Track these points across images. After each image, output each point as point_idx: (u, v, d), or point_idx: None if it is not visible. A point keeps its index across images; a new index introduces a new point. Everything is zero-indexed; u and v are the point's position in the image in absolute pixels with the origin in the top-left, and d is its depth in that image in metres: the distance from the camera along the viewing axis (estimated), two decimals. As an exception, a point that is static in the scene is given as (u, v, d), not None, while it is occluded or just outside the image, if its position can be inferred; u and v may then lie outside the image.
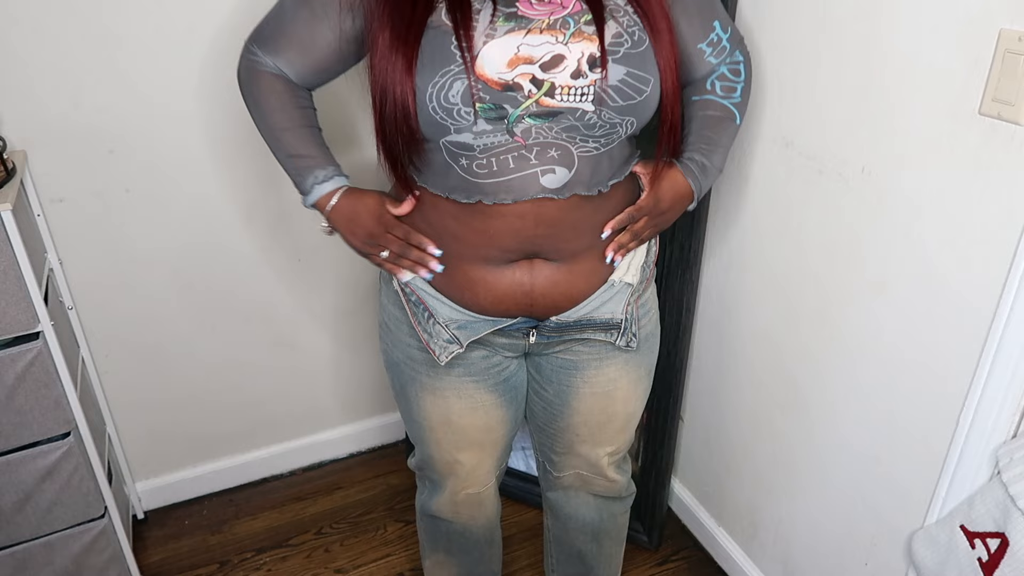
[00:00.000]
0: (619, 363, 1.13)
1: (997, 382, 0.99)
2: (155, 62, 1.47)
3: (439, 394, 1.12)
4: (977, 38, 0.93)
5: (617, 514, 1.36)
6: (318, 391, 1.96)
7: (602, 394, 1.15)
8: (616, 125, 0.91)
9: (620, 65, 0.88)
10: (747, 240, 1.41)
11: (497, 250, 0.98)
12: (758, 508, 1.55)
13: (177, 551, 1.78)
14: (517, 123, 0.88)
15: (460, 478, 1.22)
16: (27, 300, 1.27)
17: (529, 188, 0.92)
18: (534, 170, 0.91)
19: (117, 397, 1.73)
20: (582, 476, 1.28)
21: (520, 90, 0.86)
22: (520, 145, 0.90)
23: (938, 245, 1.04)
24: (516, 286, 1.01)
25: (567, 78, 0.87)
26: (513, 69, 0.86)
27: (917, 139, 1.04)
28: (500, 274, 1.00)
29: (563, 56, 0.86)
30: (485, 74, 0.86)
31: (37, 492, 1.39)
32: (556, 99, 0.87)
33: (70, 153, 1.48)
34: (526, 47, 0.86)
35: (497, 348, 1.10)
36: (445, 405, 1.13)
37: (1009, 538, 0.98)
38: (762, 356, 1.44)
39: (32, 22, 1.36)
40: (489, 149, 0.90)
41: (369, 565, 1.74)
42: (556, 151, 0.91)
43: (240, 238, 1.69)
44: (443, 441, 1.17)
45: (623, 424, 1.21)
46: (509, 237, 0.96)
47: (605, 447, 1.22)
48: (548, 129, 0.89)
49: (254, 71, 1.00)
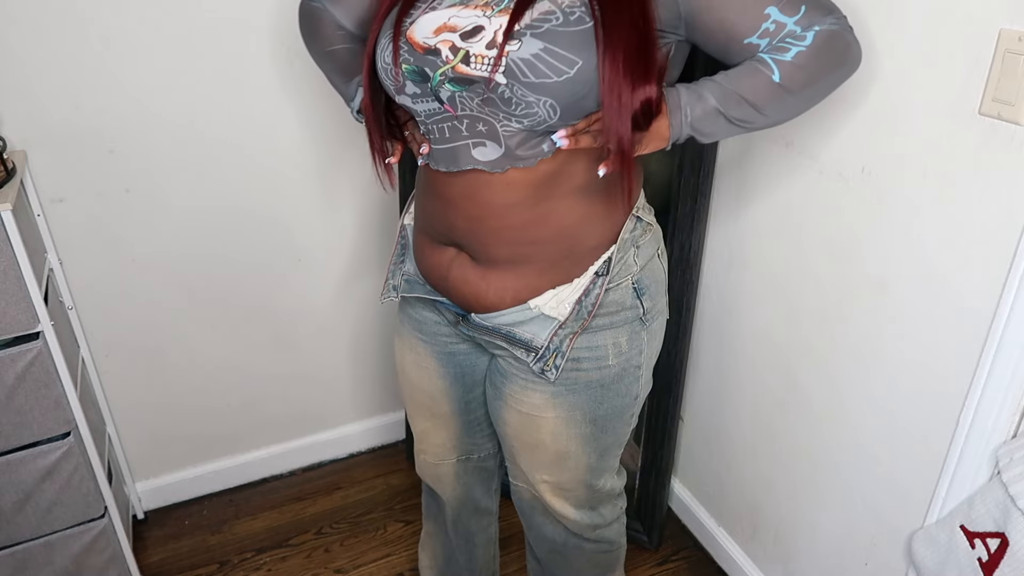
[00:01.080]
0: (545, 395, 1.07)
1: (997, 382, 0.99)
2: (155, 62, 1.47)
3: (401, 340, 1.22)
4: (977, 38, 0.93)
5: (585, 547, 1.26)
6: (318, 391, 1.96)
7: (527, 415, 1.10)
8: (533, 104, 0.86)
9: (537, 40, 0.84)
10: (747, 240, 1.41)
11: (430, 228, 1.06)
12: (758, 508, 1.55)
13: (177, 551, 1.78)
14: (440, 88, 0.91)
15: (418, 437, 1.30)
16: (27, 300, 1.27)
17: (461, 158, 0.95)
18: (466, 141, 0.94)
19: (117, 397, 1.73)
20: (532, 494, 1.22)
21: (439, 55, 0.90)
22: (452, 115, 0.93)
23: (938, 245, 1.04)
24: (436, 267, 1.07)
25: (482, 48, 0.87)
26: (437, 36, 0.91)
27: (917, 139, 1.04)
28: (431, 251, 1.07)
29: (482, 27, 0.88)
30: (414, 37, 0.92)
31: (37, 492, 1.39)
32: (471, 67, 0.88)
33: (70, 153, 1.48)
34: (456, 18, 0.91)
35: (445, 320, 1.15)
36: (401, 353, 1.23)
37: (1009, 538, 0.98)
38: (762, 356, 1.44)
39: (32, 22, 1.36)
40: (430, 116, 0.95)
41: (369, 565, 1.74)
42: (483, 126, 0.92)
43: (240, 238, 1.69)
44: (404, 387, 1.27)
45: (554, 459, 1.13)
46: (437, 219, 1.03)
47: (540, 473, 1.16)
48: (469, 99, 0.90)
49: (312, 8, 1.15)
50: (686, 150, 1.40)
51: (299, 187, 1.69)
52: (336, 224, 1.77)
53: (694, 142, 0.95)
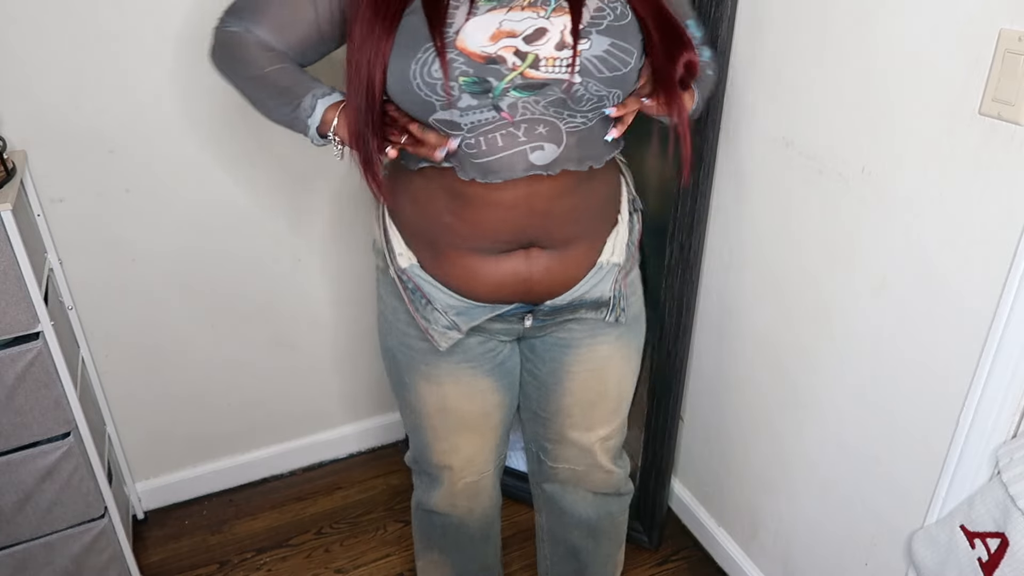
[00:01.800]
0: (611, 340, 1.15)
1: (997, 382, 0.99)
2: (155, 62, 1.47)
3: (435, 381, 1.13)
4: (977, 38, 0.93)
5: (615, 513, 1.36)
6: (318, 391, 1.96)
7: (595, 371, 1.17)
8: (603, 98, 0.91)
9: (604, 36, 0.89)
10: (747, 240, 1.41)
11: (491, 241, 0.99)
12: (758, 508, 1.55)
13: (177, 551, 1.78)
14: (503, 97, 0.88)
15: (456, 469, 1.23)
16: (27, 300, 1.27)
17: (517, 165, 0.93)
18: (523, 147, 0.92)
19: (117, 397, 1.73)
20: (576, 472, 1.28)
21: (503, 63, 0.87)
22: (508, 122, 0.90)
23: (938, 245, 1.04)
24: (513, 275, 1.03)
25: (551, 49, 0.88)
26: (496, 42, 0.87)
27: (917, 139, 1.04)
28: (496, 264, 1.02)
29: (545, 29, 0.88)
30: (467, 48, 0.87)
31: (37, 492, 1.39)
32: (541, 71, 0.88)
33: (70, 153, 1.48)
34: (508, 22, 0.88)
35: (493, 333, 1.11)
36: (441, 392, 1.14)
37: (1009, 538, 0.98)
38: (762, 356, 1.44)
39: (32, 22, 1.36)
40: (477, 128, 0.90)
41: (369, 565, 1.74)
42: (544, 127, 0.91)
43: (240, 238, 1.69)
44: (439, 428, 1.18)
45: (615, 404, 1.22)
46: (504, 228, 0.98)
47: (597, 431, 1.22)
48: (535, 103, 0.90)
49: (232, 36, 0.99)
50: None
51: (299, 187, 1.69)
52: (336, 224, 1.77)
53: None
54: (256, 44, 0.98)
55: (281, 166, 1.65)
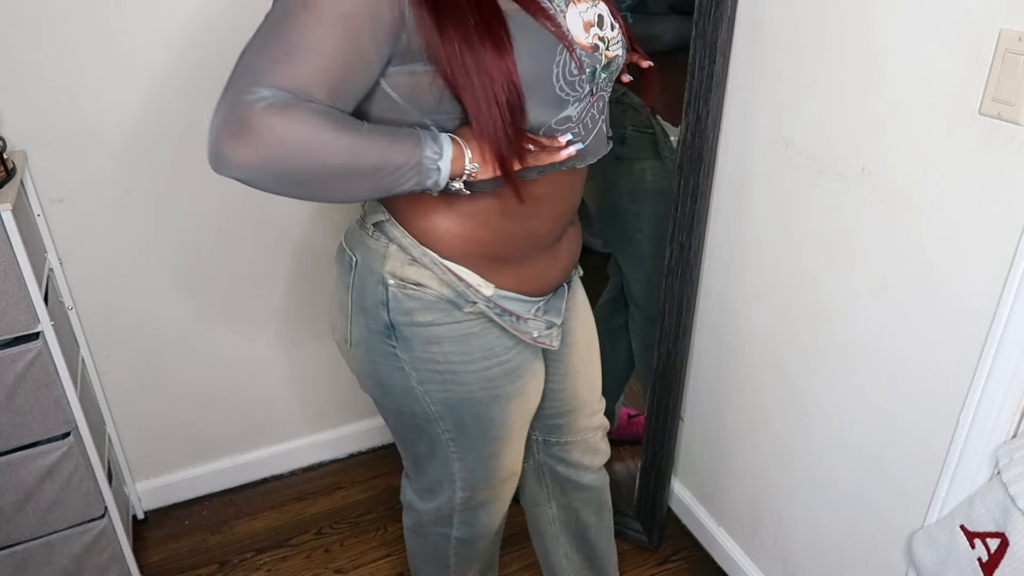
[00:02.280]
0: (579, 288, 1.24)
1: (997, 382, 0.99)
2: (156, 62, 1.47)
3: (523, 391, 1.10)
4: (977, 38, 0.93)
5: (607, 482, 1.42)
6: (318, 391, 1.96)
7: (583, 319, 1.24)
8: (623, 68, 1.02)
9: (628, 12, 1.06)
10: (747, 240, 1.41)
11: (559, 227, 1.05)
12: (758, 508, 1.55)
13: (177, 551, 1.78)
14: (598, 80, 0.95)
15: (519, 471, 1.23)
16: (27, 300, 1.27)
17: (601, 144, 1.01)
18: (600, 125, 0.99)
19: (117, 397, 1.73)
20: (586, 441, 1.33)
21: (598, 49, 0.93)
22: (590, 103, 0.96)
23: (938, 245, 1.04)
24: (569, 255, 1.10)
25: (610, 31, 0.96)
26: (588, 32, 0.93)
27: (917, 139, 1.04)
28: (557, 251, 1.07)
29: (603, 15, 0.96)
30: (581, 41, 0.91)
31: (37, 492, 1.39)
32: (611, 50, 0.96)
33: (70, 153, 1.48)
34: (584, 14, 0.93)
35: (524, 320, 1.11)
36: (527, 396, 1.12)
37: (1009, 538, 0.98)
38: (762, 356, 1.44)
39: (32, 22, 1.36)
40: (582, 114, 0.95)
41: (369, 565, 1.74)
42: (602, 102, 0.99)
43: (240, 238, 1.69)
44: (518, 440, 1.17)
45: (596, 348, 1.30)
46: (563, 213, 1.04)
47: (594, 384, 1.31)
48: (607, 82, 0.98)
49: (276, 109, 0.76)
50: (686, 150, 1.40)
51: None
52: (336, 224, 1.77)
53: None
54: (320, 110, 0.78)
55: (281, 166, 1.65)
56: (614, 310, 1.84)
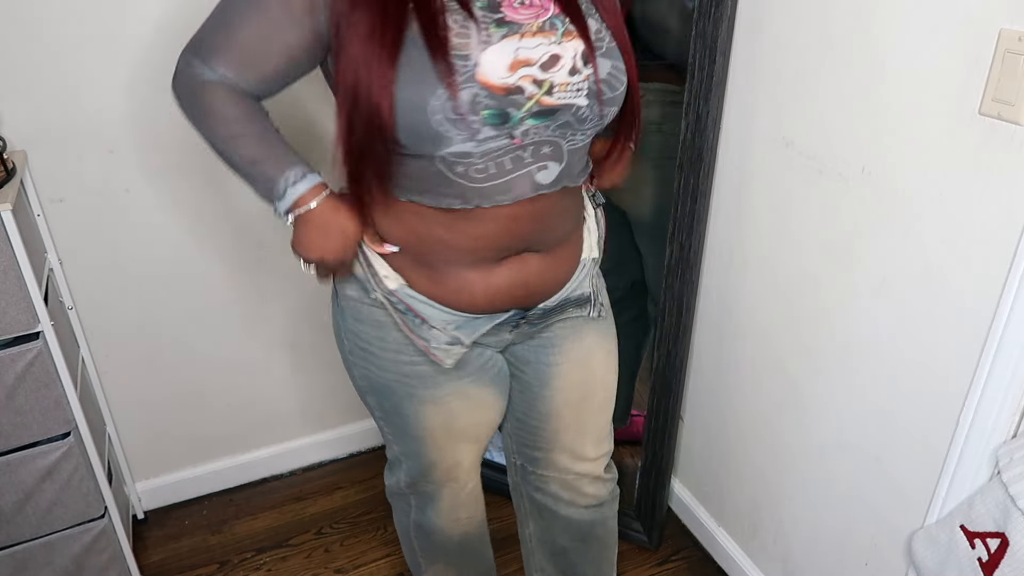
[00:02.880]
0: (594, 334, 1.17)
1: (997, 382, 0.99)
2: (155, 62, 1.47)
3: (441, 402, 1.10)
4: (977, 38, 0.93)
5: (608, 518, 1.34)
6: (318, 391, 1.96)
7: (581, 364, 1.17)
8: (605, 116, 0.94)
9: (607, 59, 0.92)
10: (747, 240, 1.41)
11: (492, 251, 0.98)
12: (758, 508, 1.55)
13: (177, 551, 1.78)
14: (519, 125, 0.88)
15: (460, 481, 1.22)
16: (27, 300, 1.27)
17: (525, 186, 0.93)
18: (529, 168, 0.92)
19: (117, 397, 1.73)
20: (566, 480, 1.26)
21: (522, 92, 0.87)
22: (517, 146, 0.90)
23: (938, 245, 1.04)
24: (511, 282, 1.02)
25: (564, 76, 0.89)
26: (515, 72, 0.86)
27: (917, 139, 1.04)
28: (493, 273, 1.00)
29: (559, 56, 0.88)
30: (488, 80, 0.85)
31: (37, 492, 1.39)
32: (555, 97, 0.89)
33: (70, 153, 1.48)
34: (523, 50, 0.87)
35: (484, 345, 1.11)
36: (448, 411, 1.12)
37: (1009, 538, 0.98)
38: (762, 356, 1.44)
39: (32, 22, 1.36)
40: (488, 154, 0.89)
41: (369, 565, 1.74)
42: (548, 147, 0.92)
43: (240, 238, 1.69)
44: (445, 447, 1.17)
45: (602, 402, 1.23)
46: (505, 237, 0.97)
47: (589, 433, 1.23)
48: (545, 128, 0.90)
49: (196, 83, 0.94)
50: (686, 150, 1.40)
51: (299, 187, 1.69)
52: (336, 224, 1.77)
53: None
54: (225, 95, 0.93)
55: (281, 166, 1.65)
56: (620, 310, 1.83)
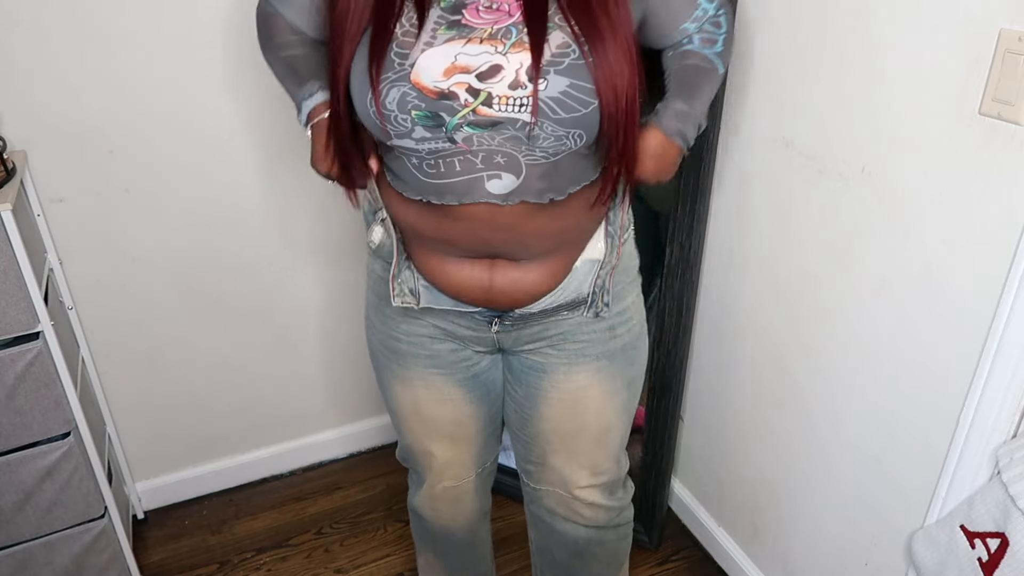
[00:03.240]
0: (590, 371, 1.10)
1: (997, 382, 0.99)
2: (155, 62, 1.47)
3: (408, 383, 1.14)
4: (977, 38, 0.93)
5: (608, 541, 1.27)
6: (318, 391, 1.96)
7: (571, 401, 1.12)
8: (562, 137, 0.87)
9: (564, 76, 0.85)
10: (747, 240, 1.41)
11: (456, 248, 0.98)
12: (758, 508, 1.55)
13: (177, 551, 1.78)
14: (456, 131, 0.86)
15: (435, 471, 1.24)
16: (27, 300, 1.27)
17: (474, 192, 0.90)
18: (480, 174, 0.89)
19: (117, 397, 1.73)
20: (561, 497, 1.22)
21: (456, 99, 0.85)
22: (464, 150, 0.88)
23: (938, 245, 1.04)
24: (473, 282, 1.00)
25: (504, 88, 0.85)
26: (449, 78, 0.85)
27: (917, 139, 1.04)
28: (458, 267, 1.00)
29: (500, 66, 0.85)
30: (421, 81, 0.85)
31: (37, 492, 1.39)
32: (494, 109, 0.85)
33: (70, 153, 1.48)
34: (464, 56, 0.85)
35: (466, 342, 1.10)
36: (414, 395, 1.14)
37: (1009, 538, 0.98)
38: (762, 356, 1.44)
39: (32, 23, 1.36)
40: (434, 152, 0.88)
41: (369, 565, 1.74)
42: (502, 157, 0.88)
43: (240, 238, 1.69)
44: (416, 431, 1.19)
45: (597, 437, 1.15)
46: (466, 238, 0.95)
47: (581, 461, 1.17)
48: (490, 138, 0.87)
49: (268, 14, 1.07)
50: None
51: (299, 187, 1.69)
52: (337, 224, 1.77)
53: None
54: (285, 26, 1.05)
55: (281, 167, 1.65)
56: None
